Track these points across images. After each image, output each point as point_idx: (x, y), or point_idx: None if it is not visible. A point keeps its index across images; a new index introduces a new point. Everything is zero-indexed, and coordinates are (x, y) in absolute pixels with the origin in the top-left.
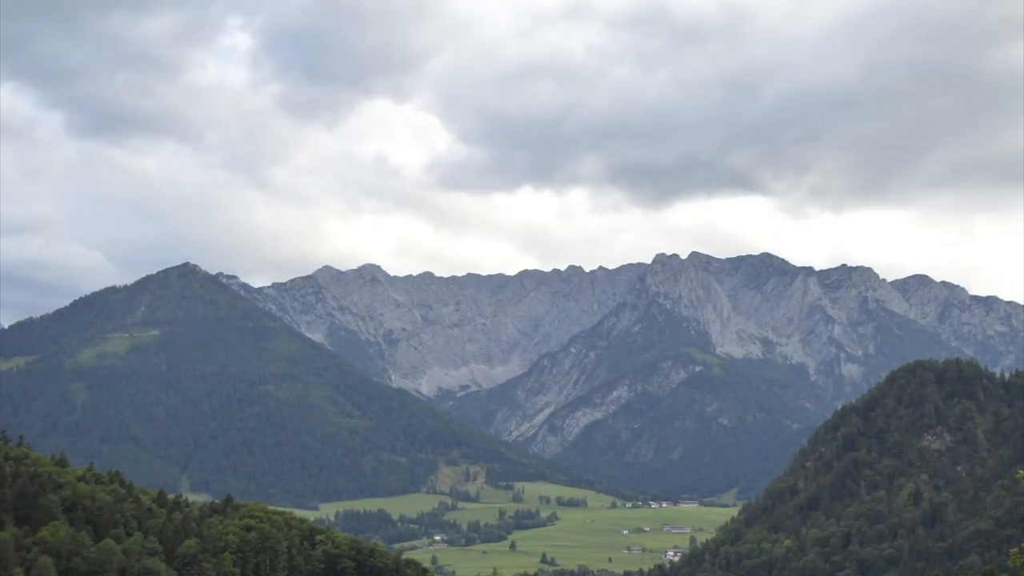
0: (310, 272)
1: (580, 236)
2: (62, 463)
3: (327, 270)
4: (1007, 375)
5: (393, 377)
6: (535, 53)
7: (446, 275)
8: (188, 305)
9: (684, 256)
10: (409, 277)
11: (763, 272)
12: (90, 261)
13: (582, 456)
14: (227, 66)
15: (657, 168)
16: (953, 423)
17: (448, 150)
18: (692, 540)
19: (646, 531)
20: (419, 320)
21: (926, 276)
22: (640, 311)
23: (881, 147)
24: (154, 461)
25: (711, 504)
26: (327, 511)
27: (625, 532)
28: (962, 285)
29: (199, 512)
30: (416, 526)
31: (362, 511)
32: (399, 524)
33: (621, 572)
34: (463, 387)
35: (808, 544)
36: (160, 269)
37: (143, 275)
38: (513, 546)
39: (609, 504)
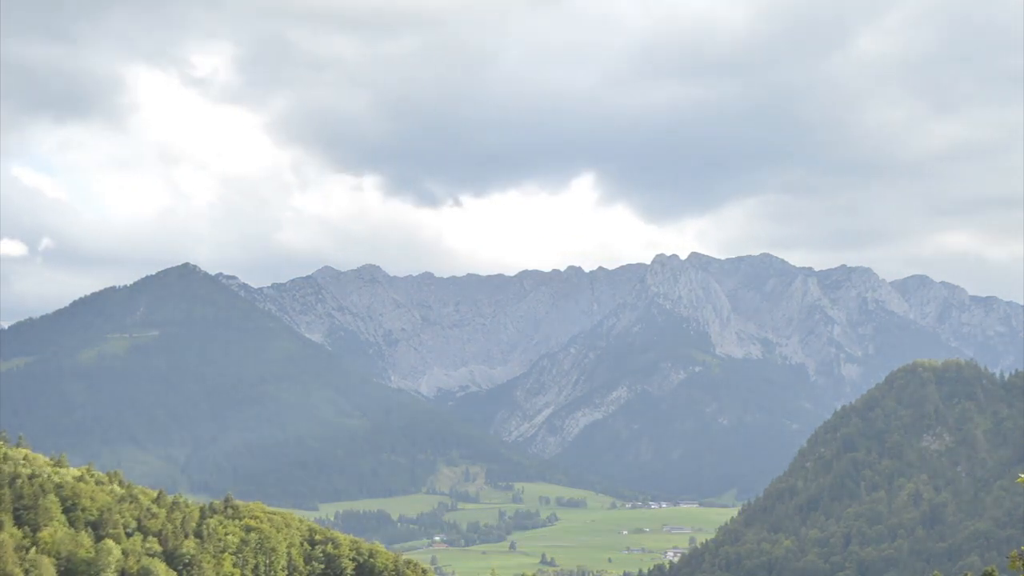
0: (310, 272)
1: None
2: (61, 463)
3: (327, 270)
4: (1007, 375)
5: (393, 378)
6: None
7: (446, 275)
8: (188, 305)
9: (684, 256)
10: (409, 277)
11: (763, 272)
12: None
13: (582, 456)
14: None
15: None
16: (952, 423)
17: None
18: (691, 540)
19: (646, 531)
20: (419, 320)
21: (926, 276)
22: (640, 311)
23: None
24: (154, 461)
25: (711, 504)
26: (327, 511)
27: (625, 532)
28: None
29: (199, 512)
30: (416, 526)
31: (362, 511)
32: (399, 524)
33: (621, 572)
34: (463, 387)
35: (808, 544)
36: (160, 269)
37: (143, 275)
38: (513, 546)
39: (609, 504)
